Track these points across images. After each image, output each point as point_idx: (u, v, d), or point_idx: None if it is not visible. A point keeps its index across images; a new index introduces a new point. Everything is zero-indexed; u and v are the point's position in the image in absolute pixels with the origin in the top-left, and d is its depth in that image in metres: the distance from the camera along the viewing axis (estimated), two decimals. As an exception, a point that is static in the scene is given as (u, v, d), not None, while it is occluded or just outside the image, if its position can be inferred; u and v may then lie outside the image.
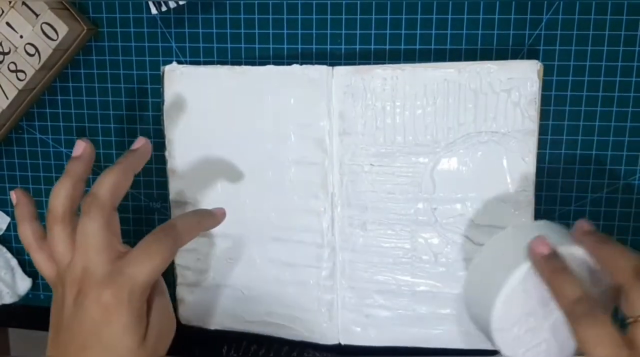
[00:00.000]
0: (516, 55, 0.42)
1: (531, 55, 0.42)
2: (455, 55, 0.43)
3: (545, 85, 0.41)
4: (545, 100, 0.41)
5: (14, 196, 0.37)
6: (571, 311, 0.32)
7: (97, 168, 0.48)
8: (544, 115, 0.40)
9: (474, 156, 0.40)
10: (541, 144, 0.41)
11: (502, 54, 0.42)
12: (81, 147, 0.36)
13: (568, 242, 0.35)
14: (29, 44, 0.43)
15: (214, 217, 0.38)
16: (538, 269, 0.34)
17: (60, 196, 0.35)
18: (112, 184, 0.34)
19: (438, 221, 0.42)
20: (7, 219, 0.51)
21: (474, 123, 0.40)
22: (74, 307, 0.33)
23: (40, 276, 0.52)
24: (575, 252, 0.34)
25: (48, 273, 0.36)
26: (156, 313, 0.34)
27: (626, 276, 0.31)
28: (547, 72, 0.41)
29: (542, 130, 0.41)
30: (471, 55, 0.42)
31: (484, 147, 0.40)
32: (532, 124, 0.39)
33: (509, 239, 0.37)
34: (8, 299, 0.51)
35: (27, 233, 0.36)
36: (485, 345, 0.43)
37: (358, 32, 0.43)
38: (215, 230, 0.44)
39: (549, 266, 0.33)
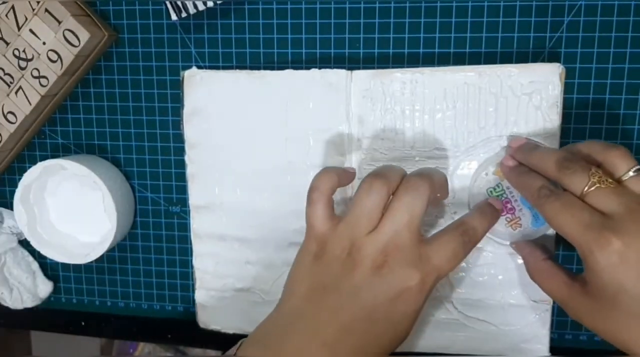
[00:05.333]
0: (537, 58, 0.42)
1: (552, 57, 0.41)
2: (474, 59, 0.42)
3: (567, 88, 0.40)
4: (566, 103, 0.41)
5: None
6: (537, 197, 0.34)
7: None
8: (565, 118, 0.40)
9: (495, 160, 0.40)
10: (563, 148, 0.40)
11: (522, 57, 0.42)
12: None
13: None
14: (51, 50, 0.44)
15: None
16: (509, 180, 0.39)
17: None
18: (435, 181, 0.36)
19: (458, 226, 0.41)
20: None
21: (494, 127, 0.40)
22: (372, 276, 0.33)
23: (61, 279, 0.52)
24: None
25: (322, 226, 0.35)
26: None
27: (552, 171, 0.34)
28: (568, 74, 0.40)
29: (564, 134, 0.40)
30: (491, 58, 0.42)
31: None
32: (553, 127, 0.39)
33: None
34: (29, 303, 0.51)
35: (326, 181, 0.36)
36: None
37: (376, 35, 0.43)
38: (234, 234, 0.45)
39: (514, 173, 0.38)
